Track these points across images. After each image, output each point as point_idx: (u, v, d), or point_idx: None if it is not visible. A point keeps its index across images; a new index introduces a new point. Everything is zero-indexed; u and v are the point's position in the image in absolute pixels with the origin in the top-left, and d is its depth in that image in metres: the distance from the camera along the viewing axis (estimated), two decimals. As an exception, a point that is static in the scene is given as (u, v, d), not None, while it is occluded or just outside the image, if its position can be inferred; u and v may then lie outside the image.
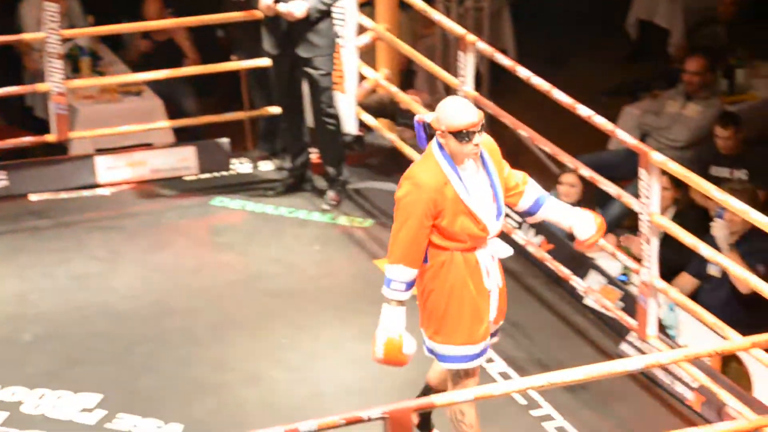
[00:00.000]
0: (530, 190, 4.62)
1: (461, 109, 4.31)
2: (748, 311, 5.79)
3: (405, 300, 4.44)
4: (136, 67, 8.30)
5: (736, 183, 6.28)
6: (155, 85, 8.26)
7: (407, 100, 7.35)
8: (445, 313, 4.44)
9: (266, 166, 7.65)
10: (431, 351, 4.55)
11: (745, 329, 5.17)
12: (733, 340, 5.01)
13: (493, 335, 4.60)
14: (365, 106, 7.57)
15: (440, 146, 4.36)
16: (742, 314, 5.78)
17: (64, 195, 7.26)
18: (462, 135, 4.29)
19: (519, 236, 6.32)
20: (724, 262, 5.28)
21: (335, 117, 7.00)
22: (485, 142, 4.44)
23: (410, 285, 4.41)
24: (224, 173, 7.57)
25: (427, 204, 4.31)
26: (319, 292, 6.26)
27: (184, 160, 7.57)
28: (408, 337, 4.44)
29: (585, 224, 4.60)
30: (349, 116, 7.32)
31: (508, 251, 4.54)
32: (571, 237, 4.70)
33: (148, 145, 7.81)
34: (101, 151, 7.62)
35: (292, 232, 6.88)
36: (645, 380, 5.49)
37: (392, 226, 4.45)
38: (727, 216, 5.99)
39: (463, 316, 4.42)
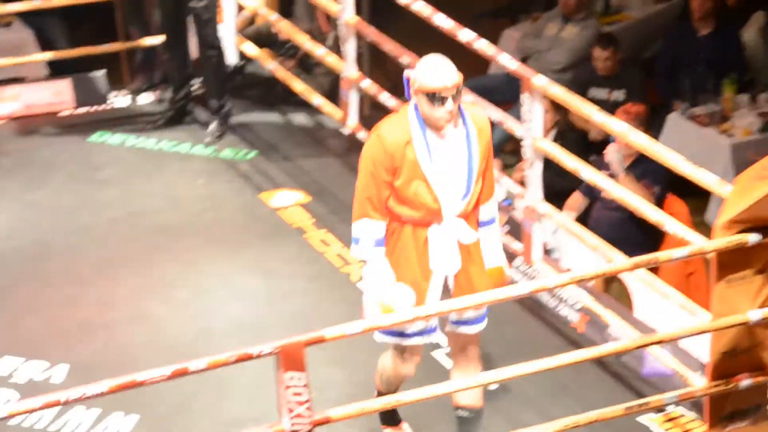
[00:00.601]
0: (489, 207, 4.29)
1: (435, 69, 4.03)
2: (642, 230, 5.87)
3: (383, 256, 4.17)
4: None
5: (630, 105, 6.32)
6: (24, 17, 8.00)
7: (287, 28, 7.26)
8: None
9: (145, 99, 7.51)
10: None
11: (638, 248, 5.25)
12: (616, 262, 5.10)
13: (462, 323, 4.33)
14: (244, 36, 7.46)
15: (416, 105, 4.12)
16: (637, 233, 5.85)
17: (-67, 133, 7.06)
18: (433, 97, 4.02)
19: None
20: (603, 183, 5.35)
21: (219, 49, 6.91)
22: (477, 118, 4.17)
23: (380, 242, 4.17)
24: (102, 107, 7.41)
25: (385, 157, 4.07)
26: (205, 227, 6.20)
27: (59, 94, 7.40)
28: (397, 291, 4.14)
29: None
30: (229, 46, 7.21)
31: (470, 237, 4.21)
32: None
33: (20, 79, 7.59)
34: (-30, 86, 7.40)
35: (175, 166, 6.79)
36: (531, 304, 5.58)
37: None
38: (619, 140, 6.06)
39: None
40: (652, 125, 7.17)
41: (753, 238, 4.06)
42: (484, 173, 4.21)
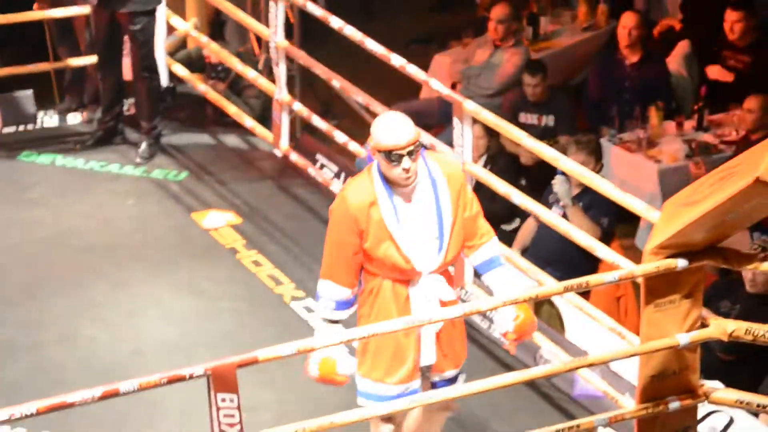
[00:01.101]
0: (486, 248, 4.20)
1: (390, 127, 3.96)
2: (582, 251, 5.92)
3: (340, 319, 4.14)
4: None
5: (581, 135, 6.40)
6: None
7: (217, 51, 7.25)
8: (366, 345, 4.16)
9: (74, 119, 7.44)
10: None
11: (578, 268, 5.27)
12: (548, 285, 5.15)
13: (438, 383, 4.27)
14: (175, 59, 7.45)
15: (378, 164, 4.04)
16: (576, 254, 5.89)
17: None
18: (390, 156, 3.94)
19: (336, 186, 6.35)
20: (535, 209, 5.39)
21: (153, 70, 6.89)
22: (446, 166, 4.10)
23: (342, 305, 4.11)
24: (30, 127, 7.33)
25: (349, 220, 4.00)
26: (135, 248, 6.15)
27: (-15, 114, 7.31)
28: (344, 357, 4.08)
29: (504, 318, 4.19)
30: (160, 68, 7.18)
31: (449, 294, 4.16)
32: None
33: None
34: None
35: (105, 186, 6.74)
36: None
37: None
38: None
39: (383, 351, 4.11)
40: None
41: (681, 263, 4.12)
42: (465, 219, 4.12)
